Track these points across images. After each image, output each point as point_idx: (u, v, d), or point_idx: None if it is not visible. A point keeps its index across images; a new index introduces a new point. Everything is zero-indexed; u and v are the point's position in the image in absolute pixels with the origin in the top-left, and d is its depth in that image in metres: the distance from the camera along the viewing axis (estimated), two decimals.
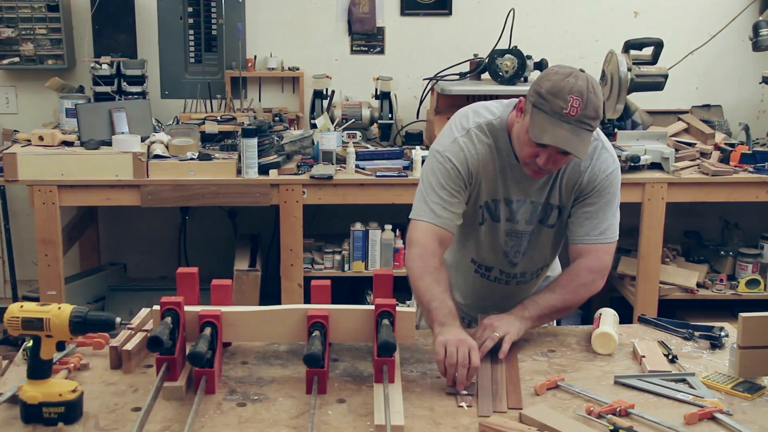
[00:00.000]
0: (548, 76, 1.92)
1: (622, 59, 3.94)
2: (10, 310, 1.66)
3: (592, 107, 1.89)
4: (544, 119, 1.90)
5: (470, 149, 2.08)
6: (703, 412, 1.72)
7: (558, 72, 1.91)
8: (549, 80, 1.90)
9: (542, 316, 2.09)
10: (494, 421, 1.67)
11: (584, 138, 1.91)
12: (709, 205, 4.19)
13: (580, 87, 1.87)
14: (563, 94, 1.87)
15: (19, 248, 4.39)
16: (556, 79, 1.90)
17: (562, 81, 1.88)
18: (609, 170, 2.11)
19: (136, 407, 1.73)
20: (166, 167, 3.63)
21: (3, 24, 4.14)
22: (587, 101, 1.88)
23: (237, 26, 4.20)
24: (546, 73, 1.94)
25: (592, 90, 1.89)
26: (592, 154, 2.09)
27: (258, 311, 1.95)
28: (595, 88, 1.91)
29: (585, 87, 1.88)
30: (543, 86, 1.91)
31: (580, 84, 1.88)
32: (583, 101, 1.87)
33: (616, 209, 2.15)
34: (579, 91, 1.87)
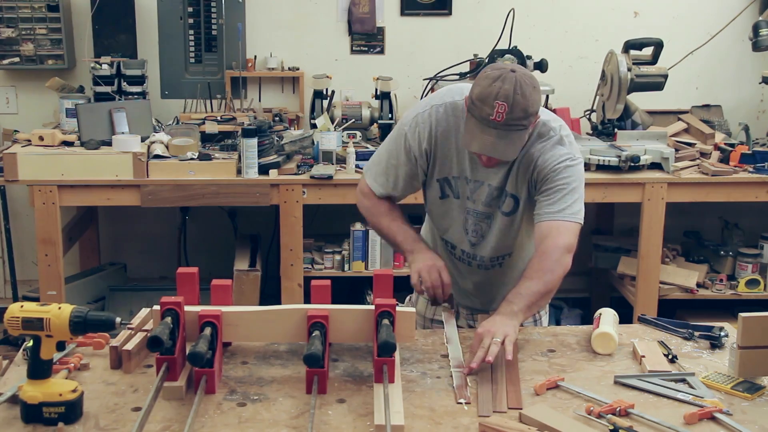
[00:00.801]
0: (479, 81, 1.98)
1: (622, 59, 3.94)
2: (11, 310, 1.66)
3: (519, 108, 1.93)
4: (474, 125, 1.98)
5: (426, 126, 2.17)
6: (703, 412, 1.72)
7: (488, 76, 1.96)
8: (479, 86, 1.97)
9: (530, 305, 2.06)
10: (494, 421, 1.67)
11: (513, 139, 1.98)
12: (709, 205, 4.19)
13: (506, 91, 1.92)
14: (489, 101, 1.93)
15: (19, 248, 4.39)
16: (484, 84, 1.95)
17: (489, 87, 1.94)
18: (560, 160, 2.11)
19: (136, 407, 1.73)
20: (166, 167, 3.63)
21: (3, 24, 4.14)
22: (513, 104, 1.92)
23: (237, 26, 4.20)
24: (478, 77, 2.00)
25: (519, 92, 1.93)
26: (545, 147, 2.11)
27: (258, 311, 1.95)
28: (524, 88, 1.94)
29: (511, 90, 1.92)
30: (474, 92, 1.98)
31: (506, 88, 1.92)
32: (509, 105, 1.92)
33: (578, 197, 2.13)
34: (505, 96, 1.92)
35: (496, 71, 1.96)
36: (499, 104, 1.92)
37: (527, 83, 1.96)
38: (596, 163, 3.75)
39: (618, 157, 3.73)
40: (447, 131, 2.16)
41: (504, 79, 1.93)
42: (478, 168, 2.16)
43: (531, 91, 1.96)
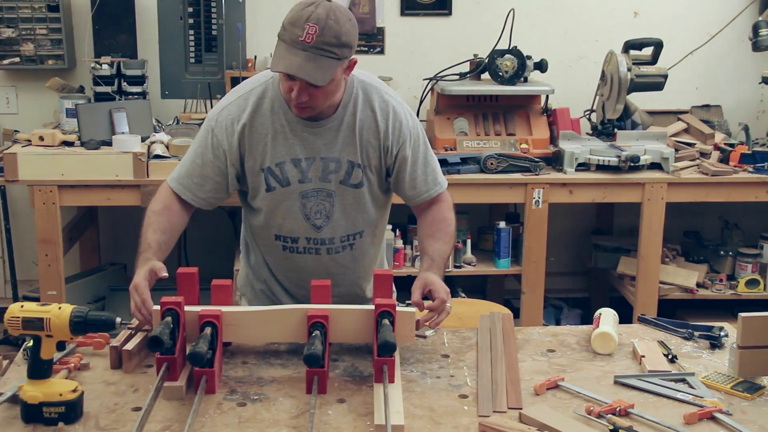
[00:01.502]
0: (292, 9, 1.93)
1: (622, 59, 3.94)
2: (11, 310, 1.66)
3: (331, 33, 1.89)
4: (283, 49, 1.92)
5: (233, 117, 2.09)
6: (702, 412, 1.72)
7: (301, 3, 1.93)
8: (291, 11, 1.93)
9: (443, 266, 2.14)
10: (494, 421, 1.67)
11: (323, 64, 1.90)
12: (708, 205, 4.19)
13: (318, 15, 1.88)
14: (300, 23, 1.88)
15: (19, 248, 4.39)
16: (296, 9, 1.92)
17: (300, 11, 1.90)
18: (406, 120, 2.14)
19: (136, 407, 1.73)
20: (167, 167, 3.63)
21: (3, 24, 4.14)
22: (325, 28, 1.88)
23: (237, 26, 4.20)
24: (293, 7, 1.94)
25: (333, 17, 1.90)
26: (387, 112, 2.11)
27: (258, 311, 1.95)
28: (338, 15, 1.91)
29: (324, 15, 1.89)
30: (286, 18, 1.93)
31: (319, 12, 1.89)
32: (320, 28, 1.88)
33: (431, 153, 2.22)
34: (316, 19, 1.88)
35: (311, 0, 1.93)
36: (309, 26, 1.87)
37: (342, 12, 1.93)
38: (596, 163, 3.75)
39: (618, 157, 3.73)
40: (257, 117, 2.08)
41: (317, 5, 1.90)
42: (303, 145, 2.09)
43: (346, 21, 1.93)
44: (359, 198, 2.17)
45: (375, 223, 2.25)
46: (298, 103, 1.98)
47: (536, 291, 3.86)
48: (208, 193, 2.16)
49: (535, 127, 3.96)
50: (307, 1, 1.92)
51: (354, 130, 2.10)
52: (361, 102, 2.10)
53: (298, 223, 2.17)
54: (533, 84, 4.02)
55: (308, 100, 1.97)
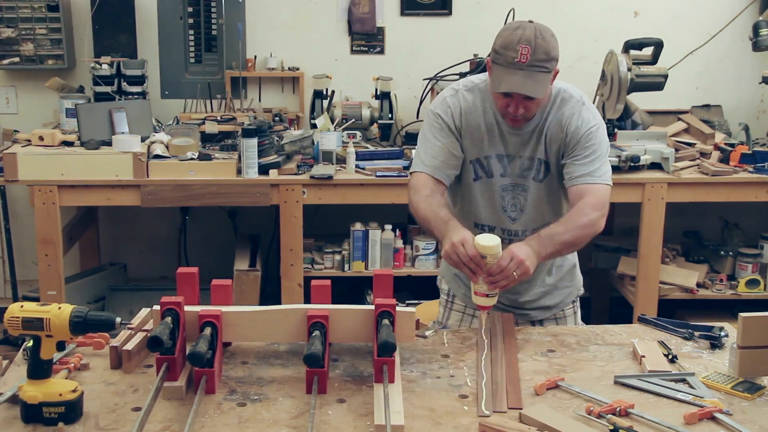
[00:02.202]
0: (500, 34, 2.14)
1: (622, 59, 3.94)
2: (11, 310, 1.66)
3: (541, 51, 2.09)
4: (501, 71, 2.11)
5: (456, 105, 2.27)
6: (702, 412, 1.72)
7: (508, 27, 2.15)
8: (500, 37, 2.13)
9: (555, 252, 2.17)
10: (494, 421, 1.67)
11: (539, 79, 2.10)
12: (709, 205, 4.19)
13: (527, 36, 2.09)
14: (513, 46, 2.08)
15: (19, 248, 4.39)
16: (506, 34, 2.12)
17: (510, 35, 2.10)
18: (591, 124, 2.24)
19: (136, 407, 1.73)
20: (166, 167, 3.63)
21: (3, 24, 4.14)
22: (536, 47, 2.08)
23: (237, 26, 4.20)
24: (499, 32, 2.15)
25: (540, 36, 2.10)
26: (574, 112, 2.24)
27: (258, 311, 1.95)
28: (544, 33, 2.11)
29: (533, 35, 2.09)
30: (496, 43, 2.14)
31: (528, 33, 2.09)
32: (532, 48, 2.08)
33: (605, 161, 2.27)
34: (527, 40, 2.08)
35: (514, 23, 2.15)
36: (522, 47, 2.07)
37: (546, 30, 2.13)
38: None
39: (618, 157, 3.73)
40: (474, 112, 2.26)
41: (524, 28, 2.10)
42: (507, 143, 2.26)
43: (550, 37, 2.12)
44: (542, 190, 2.30)
45: (560, 215, 2.33)
46: (515, 116, 2.17)
47: None
48: (451, 168, 2.29)
49: None
50: (512, 26, 2.14)
51: (543, 130, 2.26)
52: (555, 108, 2.26)
53: (496, 214, 2.33)
54: None
55: (524, 112, 2.17)
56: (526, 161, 2.27)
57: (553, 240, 2.12)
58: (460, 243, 2.02)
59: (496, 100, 2.19)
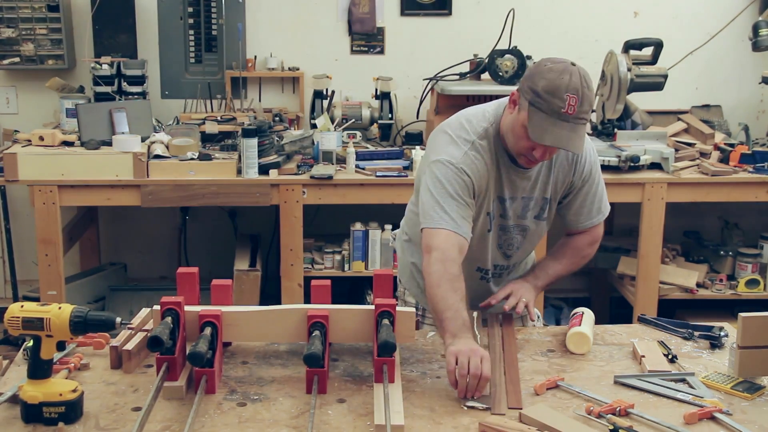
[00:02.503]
0: (543, 74, 1.94)
1: (621, 59, 3.94)
2: (11, 310, 1.66)
3: (587, 102, 1.94)
4: (543, 119, 1.93)
5: (479, 161, 2.09)
6: (702, 412, 1.72)
7: (552, 69, 1.94)
8: (544, 78, 1.93)
9: (549, 284, 2.29)
10: (494, 421, 1.67)
11: (581, 133, 1.98)
12: (708, 205, 4.19)
13: (575, 84, 1.91)
14: (560, 93, 1.90)
15: (19, 248, 4.39)
16: (552, 77, 1.92)
17: (557, 79, 1.91)
18: (591, 157, 2.21)
19: (136, 407, 1.73)
20: (166, 167, 3.63)
21: (3, 24, 4.14)
22: (583, 98, 1.92)
23: (237, 26, 4.20)
24: (540, 70, 1.96)
25: (586, 85, 1.94)
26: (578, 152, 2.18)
27: (258, 311, 1.95)
28: (588, 82, 1.95)
29: (580, 83, 1.92)
30: (539, 84, 1.93)
31: (575, 81, 1.91)
32: (579, 98, 1.91)
33: (603, 184, 2.28)
34: (575, 89, 1.91)
35: (558, 64, 1.95)
36: (570, 97, 1.90)
37: (588, 76, 1.97)
38: None
39: (618, 157, 3.73)
40: (488, 161, 2.12)
41: (571, 73, 1.92)
42: (510, 186, 2.16)
43: (592, 84, 1.98)
44: (544, 227, 2.28)
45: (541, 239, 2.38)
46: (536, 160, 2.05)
47: None
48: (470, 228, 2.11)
49: None
50: (557, 68, 1.94)
51: (551, 169, 2.18)
52: None
53: (494, 253, 2.26)
54: None
55: (548, 158, 2.06)
56: (530, 201, 2.19)
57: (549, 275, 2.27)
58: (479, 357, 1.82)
59: (520, 140, 2.01)
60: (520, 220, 2.22)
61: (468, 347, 1.84)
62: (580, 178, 2.20)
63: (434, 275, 1.99)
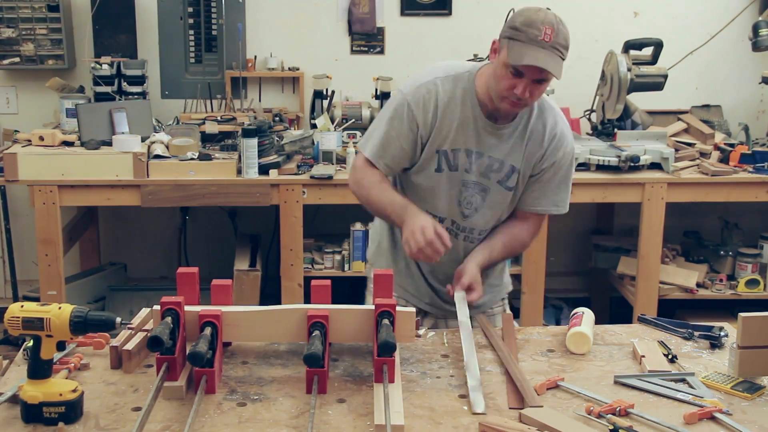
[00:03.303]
0: (521, 12, 2.08)
1: (621, 59, 3.94)
2: (11, 309, 1.66)
3: (562, 36, 2.05)
4: (522, 46, 2.04)
5: (431, 97, 2.19)
6: (702, 412, 1.72)
7: (528, 8, 2.08)
8: (522, 15, 2.07)
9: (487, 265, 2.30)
10: (494, 421, 1.67)
11: (558, 62, 2.05)
12: (708, 205, 4.19)
13: (550, 18, 2.05)
14: (537, 24, 2.03)
15: (19, 248, 4.40)
16: (528, 13, 2.06)
17: (533, 14, 2.05)
18: (567, 149, 2.26)
19: (136, 407, 1.73)
20: (166, 167, 3.63)
21: (3, 24, 4.14)
22: (558, 30, 2.04)
23: (237, 26, 4.20)
24: (517, 12, 2.10)
25: (560, 22, 2.07)
26: (555, 131, 2.24)
27: (258, 311, 1.95)
28: (562, 21, 2.08)
29: (555, 19, 2.06)
30: (516, 20, 2.06)
31: (550, 16, 2.06)
32: (555, 29, 2.04)
33: (570, 186, 2.32)
34: (550, 22, 2.04)
35: (533, 7, 2.08)
36: (546, 27, 2.02)
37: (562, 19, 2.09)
38: (596, 163, 3.75)
39: (618, 157, 3.73)
40: (450, 103, 2.19)
41: (545, 11, 2.06)
42: (478, 140, 2.21)
43: (566, 27, 2.09)
44: (507, 198, 2.29)
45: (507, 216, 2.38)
46: (518, 99, 2.08)
47: (536, 291, 3.87)
48: (397, 162, 2.26)
49: None
50: (533, 7, 2.08)
51: (523, 138, 2.23)
52: (535, 115, 2.23)
53: (451, 206, 2.29)
54: None
55: (528, 98, 2.09)
56: (496, 162, 2.23)
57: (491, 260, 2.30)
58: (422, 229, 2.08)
59: (501, 80, 2.08)
60: (482, 179, 2.25)
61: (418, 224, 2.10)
62: (551, 160, 2.24)
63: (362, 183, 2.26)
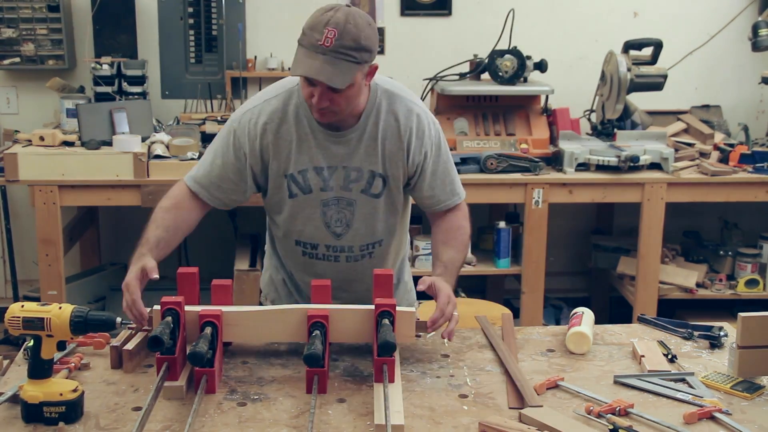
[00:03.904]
0: (312, 15, 1.93)
1: (621, 59, 3.94)
2: (11, 309, 1.66)
3: (349, 37, 1.88)
4: (302, 53, 1.91)
5: (257, 121, 2.07)
6: (702, 412, 1.72)
7: (321, 9, 1.93)
8: (311, 17, 1.93)
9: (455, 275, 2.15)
10: (494, 421, 1.67)
11: (342, 68, 1.90)
12: (708, 205, 4.19)
13: (337, 19, 1.88)
14: (319, 27, 1.88)
15: (19, 248, 4.39)
16: (316, 14, 1.92)
17: (320, 16, 1.90)
18: (429, 129, 2.13)
19: (136, 407, 1.73)
20: (167, 167, 3.63)
21: (4, 24, 4.14)
22: (344, 32, 1.87)
23: (237, 26, 4.20)
24: (312, 13, 1.94)
25: (351, 22, 1.89)
26: (410, 122, 2.09)
27: (258, 311, 1.96)
28: (358, 20, 1.90)
29: (343, 19, 1.88)
30: (305, 24, 1.93)
31: (338, 16, 1.89)
32: (339, 32, 1.87)
33: (452, 165, 2.22)
34: (335, 23, 1.88)
35: (330, 5, 1.93)
36: (328, 30, 1.87)
37: (362, 17, 1.92)
38: (596, 163, 3.76)
39: (617, 157, 3.73)
40: (282, 123, 2.07)
41: (337, 10, 1.90)
42: (325, 154, 2.09)
43: (365, 25, 1.92)
44: (379, 207, 2.16)
45: (394, 231, 2.24)
46: (320, 108, 1.96)
47: (536, 291, 3.87)
48: (225, 193, 2.14)
49: (535, 127, 3.96)
50: (326, 7, 1.92)
51: (377, 139, 2.09)
52: (384, 110, 2.09)
53: (319, 230, 2.16)
54: (533, 84, 4.02)
55: (329, 105, 1.96)
56: (353, 172, 2.10)
57: (455, 267, 2.15)
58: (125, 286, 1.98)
59: (302, 88, 1.98)
60: (344, 192, 2.12)
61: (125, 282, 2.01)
62: (421, 152, 2.11)
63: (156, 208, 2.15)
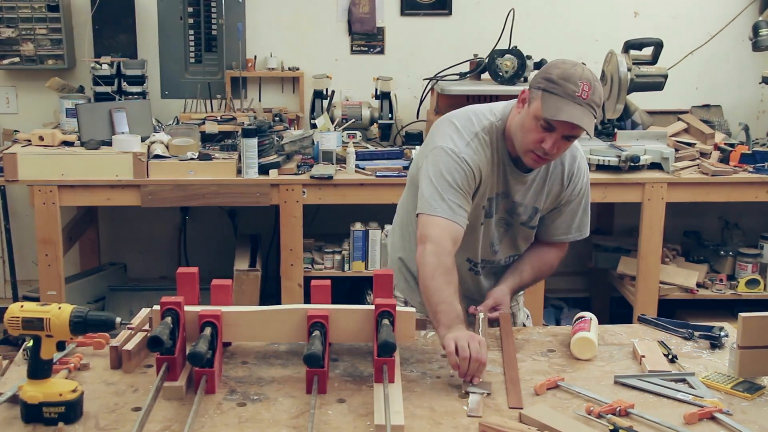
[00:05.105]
0: (556, 65, 2.04)
1: (621, 59, 3.94)
2: (11, 310, 1.66)
3: (597, 94, 2.02)
4: (558, 100, 2.00)
5: (481, 153, 2.14)
6: (702, 412, 1.72)
7: (565, 62, 2.05)
8: (558, 68, 2.03)
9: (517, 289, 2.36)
10: (494, 421, 1.67)
11: (592, 120, 2.02)
12: (708, 205, 4.19)
13: (587, 75, 2.01)
14: (574, 79, 1.99)
15: (19, 248, 4.39)
16: (565, 67, 2.03)
17: (571, 69, 2.02)
18: (585, 179, 2.29)
19: (136, 407, 1.73)
20: (166, 167, 3.63)
21: (3, 24, 4.14)
22: (594, 88, 2.01)
23: (237, 26, 4.20)
24: (553, 64, 2.06)
25: (596, 80, 2.03)
26: (573, 169, 2.25)
27: (258, 311, 1.95)
28: (597, 79, 2.05)
29: (591, 76, 2.02)
30: (553, 73, 2.02)
31: (587, 73, 2.02)
32: (591, 87, 2.00)
33: (589, 210, 2.35)
34: (587, 78, 2.00)
35: (568, 60, 2.05)
36: (583, 83, 1.98)
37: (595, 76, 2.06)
38: (596, 163, 3.75)
39: (618, 157, 3.73)
40: (491, 154, 2.17)
41: (582, 67, 2.03)
42: (508, 185, 2.21)
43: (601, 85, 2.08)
44: (530, 235, 2.33)
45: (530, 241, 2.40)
46: (545, 154, 2.06)
47: (536, 291, 3.86)
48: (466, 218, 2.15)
49: None
50: (568, 61, 2.05)
51: (545, 180, 2.24)
52: None
53: (484, 249, 2.30)
54: None
55: (555, 153, 2.07)
56: (520, 207, 2.24)
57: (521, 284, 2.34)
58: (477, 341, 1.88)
59: (529, 133, 2.05)
60: (507, 216, 2.26)
61: (465, 333, 1.91)
62: (571, 194, 2.26)
63: (428, 267, 2.03)
